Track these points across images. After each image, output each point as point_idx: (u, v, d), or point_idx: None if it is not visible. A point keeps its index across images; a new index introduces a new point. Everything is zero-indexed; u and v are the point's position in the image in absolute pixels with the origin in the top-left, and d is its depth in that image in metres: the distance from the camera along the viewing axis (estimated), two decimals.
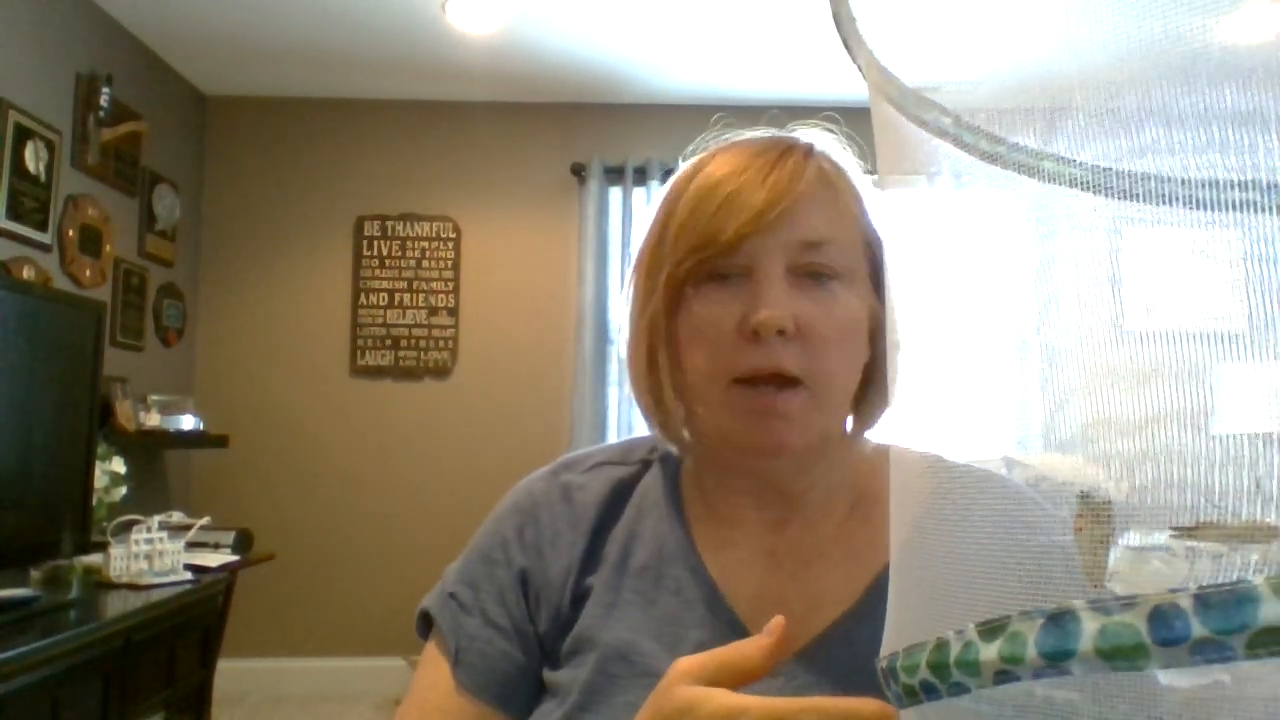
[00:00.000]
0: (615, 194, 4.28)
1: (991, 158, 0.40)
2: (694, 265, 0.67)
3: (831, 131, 0.74)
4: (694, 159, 0.73)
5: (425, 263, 4.31)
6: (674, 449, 0.77)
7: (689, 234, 0.67)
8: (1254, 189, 0.32)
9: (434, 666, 0.74)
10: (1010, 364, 0.40)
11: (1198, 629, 0.25)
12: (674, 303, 0.69)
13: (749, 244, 0.66)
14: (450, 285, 4.32)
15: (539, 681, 0.73)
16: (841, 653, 0.67)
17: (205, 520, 2.86)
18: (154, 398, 3.73)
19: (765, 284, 0.65)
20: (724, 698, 0.47)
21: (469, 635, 0.73)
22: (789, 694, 0.65)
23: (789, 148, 0.70)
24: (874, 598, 0.69)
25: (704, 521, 0.75)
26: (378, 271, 4.31)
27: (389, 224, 4.33)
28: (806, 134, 0.74)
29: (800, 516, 0.73)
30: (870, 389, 0.72)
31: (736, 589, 0.71)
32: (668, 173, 0.75)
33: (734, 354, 0.66)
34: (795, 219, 0.66)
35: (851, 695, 0.65)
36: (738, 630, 0.68)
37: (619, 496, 0.77)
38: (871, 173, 0.73)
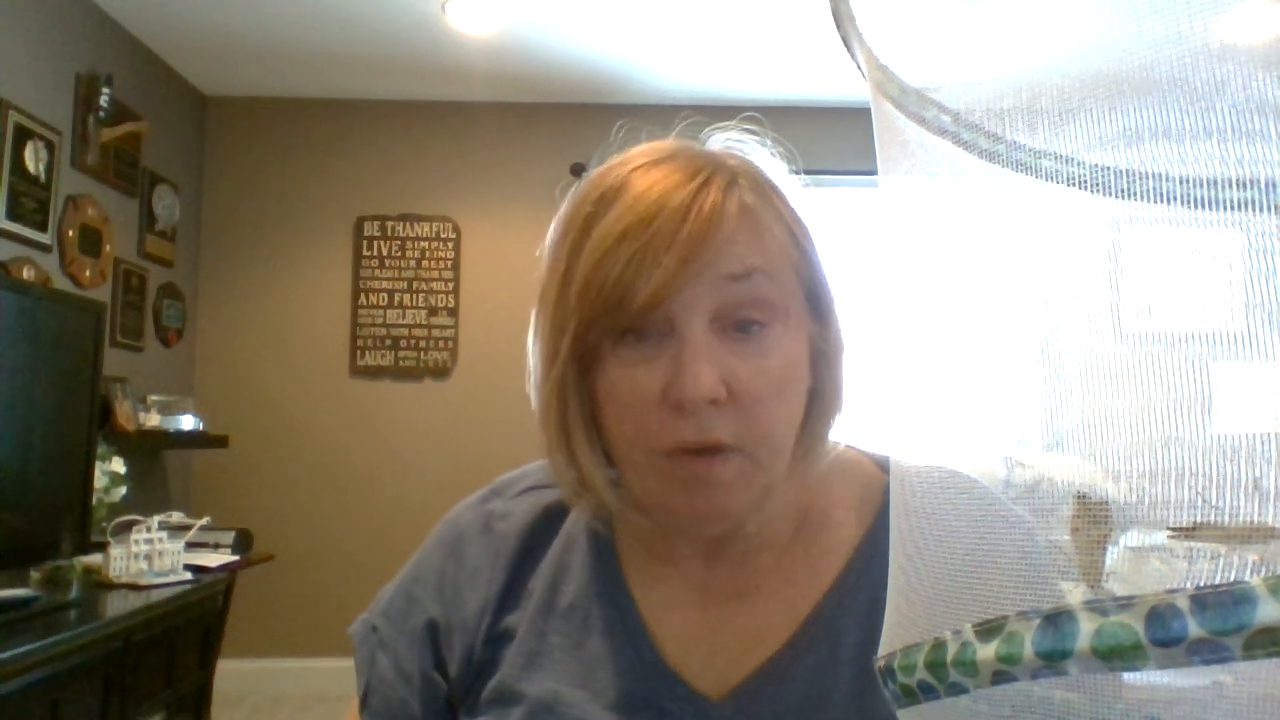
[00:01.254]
0: None
1: (991, 156, 0.40)
2: (607, 326, 0.59)
3: (753, 133, 0.66)
4: (601, 178, 0.63)
5: (425, 263, 4.32)
6: (597, 518, 0.69)
7: (594, 293, 0.58)
8: (1253, 188, 0.32)
9: (354, 704, 0.74)
10: (1009, 363, 0.40)
11: (1195, 629, 0.25)
12: (588, 359, 0.61)
13: (666, 303, 0.58)
14: (450, 285, 4.32)
15: None
16: (777, 692, 0.63)
17: (205, 520, 2.86)
18: (154, 398, 3.73)
19: (690, 348, 0.57)
20: None
21: (379, 676, 0.71)
22: None
23: (705, 181, 0.60)
24: (813, 631, 0.65)
25: (635, 554, 0.70)
26: (378, 271, 4.31)
27: (389, 224, 4.33)
28: (722, 140, 0.66)
29: (736, 550, 0.67)
30: (814, 413, 0.65)
31: (667, 629, 0.66)
32: None
33: (659, 426, 0.58)
34: (717, 261, 0.58)
35: None
36: (665, 675, 0.65)
37: (547, 524, 0.72)
38: (798, 172, 0.66)
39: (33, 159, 3.07)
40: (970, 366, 0.41)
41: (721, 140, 0.67)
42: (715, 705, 0.64)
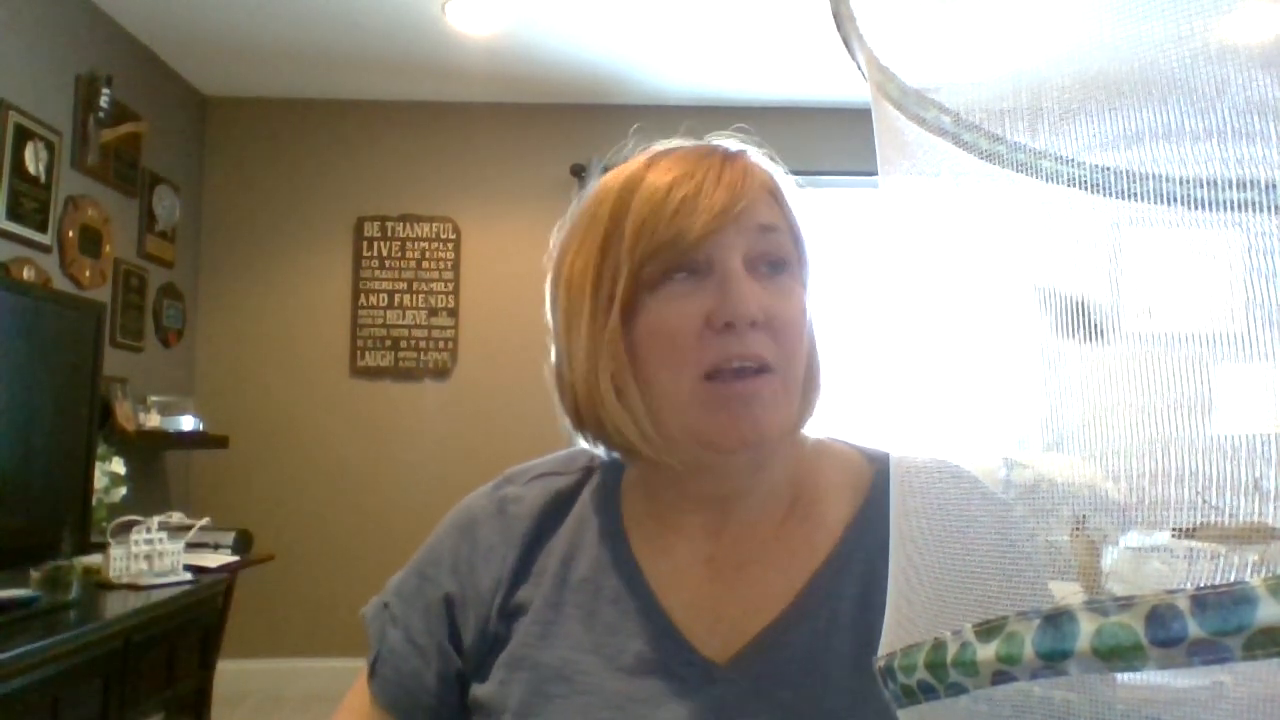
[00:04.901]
0: None
1: (991, 157, 0.40)
2: (656, 268, 0.66)
3: (740, 137, 0.74)
4: (620, 172, 0.72)
5: (425, 263, 4.32)
6: (619, 456, 0.75)
7: (648, 237, 0.66)
8: (1253, 188, 0.32)
9: (363, 673, 0.77)
10: (1009, 363, 0.40)
11: (1195, 630, 0.25)
12: (629, 313, 0.68)
13: (711, 240, 0.66)
14: (450, 285, 4.32)
15: (455, 704, 0.73)
16: (778, 655, 0.67)
17: (205, 521, 2.86)
18: (154, 398, 3.73)
19: (733, 277, 0.65)
20: None
21: (389, 648, 0.74)
22: (729, 700, 0.66)
23: (729, 153, 0.70)
24: (811, 599, 0.69)
25: (643, 529, 0.74)
26: (378, 272, 4.31)
27: (389, 224, 4.33)
28: (727, 143, 0.74)
29: (738, 520, 0.73)
30: (805, 385, 0.72)
31: (674, 597, 0.71)
32: None
33: (703, 349, 0.65)
34: (751, 211, 0.67)
35: (791, 697, 0.66)
36: (675, 640, 0.69)
37: (558, 507, 0.77)
38: (792, 172, 0.74)
39: (33, 159, 3.07)
40: (970, 366, 0.41)
41: (721, 141, 0.74)
42: (721, 669, 0.67)
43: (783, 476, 0.73)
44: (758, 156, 0.73)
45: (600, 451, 0.74)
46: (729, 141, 0.74)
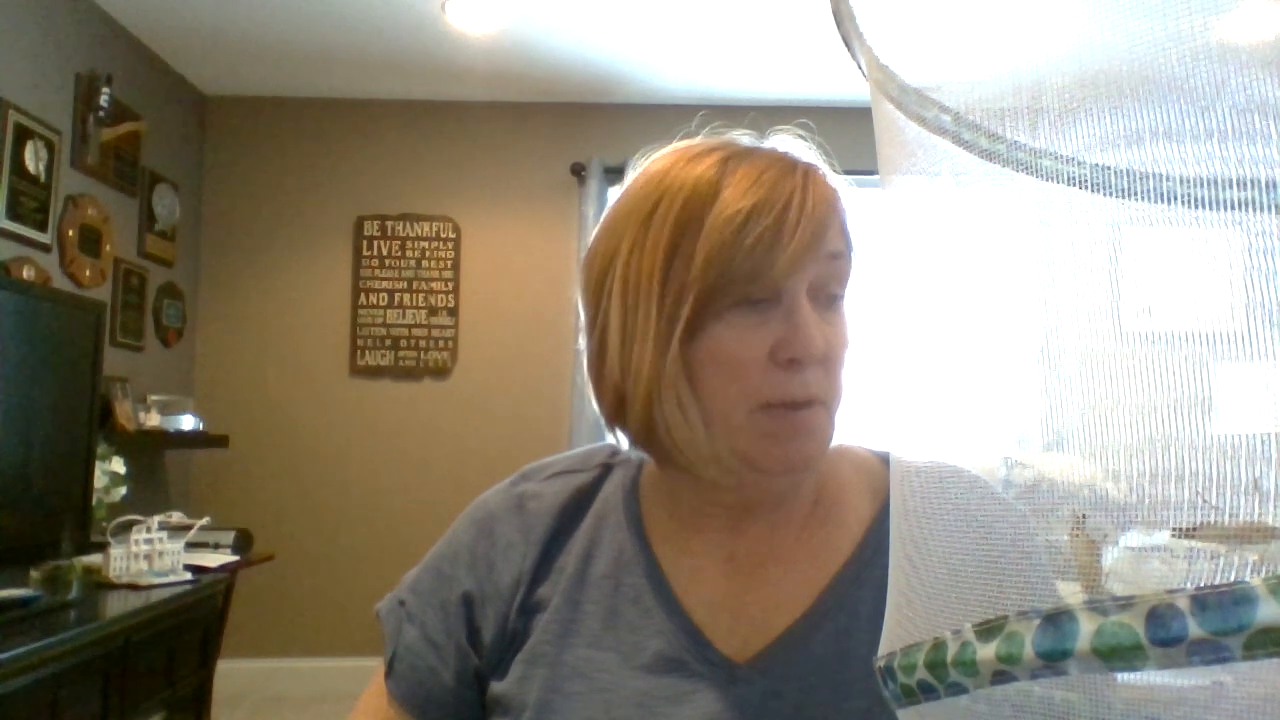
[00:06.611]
0: (615, 194, 4.26)
1: (991, 156, 0.40)
2: (727, 299, 0.64)
3: (803, 139, 0.72)
4: (686, 171, 0.67)
5: (425, 263, 4.32)
6: (649, 457, 0.73)
7: (721, 268, 0.63)
8: (1253, 187, 0.32)
9: (380, 670, 0.76)
10: (1009, 363, 0.40)
11: (1195, 629, 0.25)
12: (690, 331, 0.65)
13: (791, 279, 0.64)
14: (450, 285, 4.32)
15: (473, 702, 0.73)
16: (800, 655, 0.67)
17: (205, 520, 2.86)
18: (154, 398, 3.73)
19: (801, 312, 0.64)
20: None
21: (405, 645, 0.74)
22: (750, 699, 0.66)
23: (805, 172, 0.67)
24: (832, 600, 0.69)
25: (663, 527, 0.74)
26: (378, 271, 4.31)
27: (389, 224, 4.33)
28: (783, 142, 0.71)
29: (759, 521, 0.72)
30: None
31: (695, 596, 0.70)
32: None
33: (764, 381, 0.64)
34: (823, 241, 0.65)
35: (811, 697, 0.66)
36: (696, 638, 0.68)
37: (578, 504, 0.76)
38: (839, 172, 0.72)
39: (33, 159, 3.07)
40: (970, 366, 0.41)
41: (782, 141, 0.72)
42: (741, 668, 0.67)
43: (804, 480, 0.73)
44: (825, 167, 0.71)
45: (626, 448, 0.73)
46: (798, 148, 0.71)
